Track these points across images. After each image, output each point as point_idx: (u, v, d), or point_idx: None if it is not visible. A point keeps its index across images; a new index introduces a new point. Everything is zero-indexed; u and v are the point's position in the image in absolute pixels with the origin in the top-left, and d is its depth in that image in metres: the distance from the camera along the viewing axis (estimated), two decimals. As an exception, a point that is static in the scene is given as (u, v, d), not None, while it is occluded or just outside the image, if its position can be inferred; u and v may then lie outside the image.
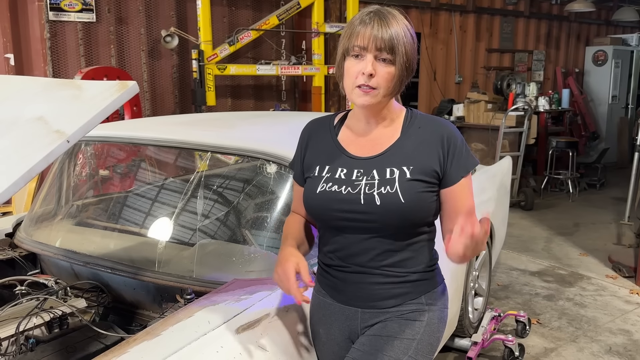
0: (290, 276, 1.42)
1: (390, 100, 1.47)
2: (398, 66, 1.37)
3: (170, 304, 1.94)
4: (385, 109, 1.48)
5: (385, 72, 1.37)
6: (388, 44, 1.35)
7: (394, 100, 1.50)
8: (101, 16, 5.18)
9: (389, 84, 1.38)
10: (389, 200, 1.40)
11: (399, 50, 1.36)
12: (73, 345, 1.70)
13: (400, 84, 1.42)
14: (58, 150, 1.34)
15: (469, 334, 3.13)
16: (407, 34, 1.38)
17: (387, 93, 1.40)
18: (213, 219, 2.25)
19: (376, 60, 1.36)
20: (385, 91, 1.39)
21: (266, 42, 6.22)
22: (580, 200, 7.05)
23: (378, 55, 1.36)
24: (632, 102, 9.75)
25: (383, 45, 1.35)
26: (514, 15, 8.78)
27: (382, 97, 1.41)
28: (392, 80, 1.38)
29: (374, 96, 1.39)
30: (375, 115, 1.49)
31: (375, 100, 1.40)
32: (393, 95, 1.44)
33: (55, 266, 2.24)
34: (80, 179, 2.64)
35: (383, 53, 1.36)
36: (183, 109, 5.85)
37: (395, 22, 1.37)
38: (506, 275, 4.47)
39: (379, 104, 1.43)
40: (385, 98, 1.42)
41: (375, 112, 1.48)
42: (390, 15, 1.38)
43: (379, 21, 1.36)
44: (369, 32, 1.35)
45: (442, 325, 1.55)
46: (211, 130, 2.49)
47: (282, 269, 1.45)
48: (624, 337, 3.43)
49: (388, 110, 1.49)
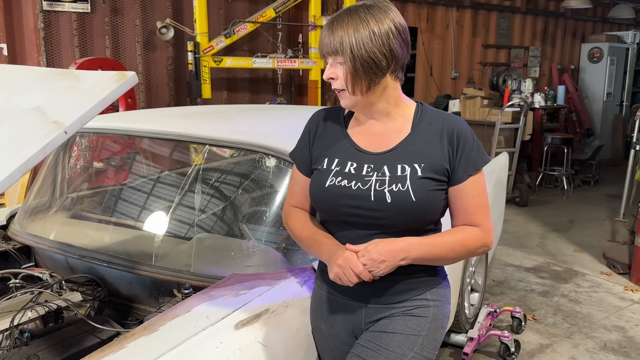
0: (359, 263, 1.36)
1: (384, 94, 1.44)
2: (348, 64, 1.38)
3: (167, 298, 1.92)
4: (383, 103, 1.46)
5: (341, 72, 1.41)
6: (332, 47, 1.39)
7: (399, 94, 1.48)
8: (96, 7, 5.12)
9: (348, 82, 1.41)
10: (400, 198, 1.39)
11: (344, 49, 1.37)
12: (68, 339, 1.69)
13: (361, 79, 1.39)
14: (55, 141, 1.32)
15: (465, 330, 3.13)
16: (360, 31, 1.36)
17: (354, 91, 1.41)
18: (211, 213, 2.23)
19: (334, 64, 1.42)
20: (352, 90, 1.41)
21: (262, 34, 6.18)
22: (575, 197, 7.07)
23: (334, 59, 1.41)
24: (627, 99, 9.78)
25: (330, 50, 1.40)
26: (510, 11, 8.77)
27: (355, 96, 1.42)
28: (349, 79, 1.40)
29: (345, 97, 1.44)
30: (371, 112, 1.48)
31: (350, 100, 1.44)
32: (364, 91, 1.41)
33: (50, 259, 2.22)
34: (75, 171, 2.61)
35: (332, 56, 1.41)
36: (178, 102, 5.80)
37: (345, 24, 1.38)
38: (501, 271, 4.47)
39: (360, 103, 1.44)
40: (359, 96, 1.42)
41: (367, 111, 1.48)
42: (346, 15, 1.39)
43: (328, 28, 1.41)
44: (320, 42, 1.43)
45: (445, 321, 1.54)
46: (209, 123, 2.46)
47: (346, 260, 1.38)
48: (619, 334, 3.44)
49: (389, 104, 1.47)
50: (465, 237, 1.45)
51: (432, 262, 1.46)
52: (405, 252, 1.38)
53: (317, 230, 1.53)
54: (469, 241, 1.45)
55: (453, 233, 1.47)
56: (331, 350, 1.59)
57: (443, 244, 1.43)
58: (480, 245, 1.47)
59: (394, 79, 1.45)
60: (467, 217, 1.46)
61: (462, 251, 1.46)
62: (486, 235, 1.47)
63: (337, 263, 1.39)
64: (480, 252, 1.49)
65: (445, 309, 1.54)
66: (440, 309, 1.52)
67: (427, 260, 1.44)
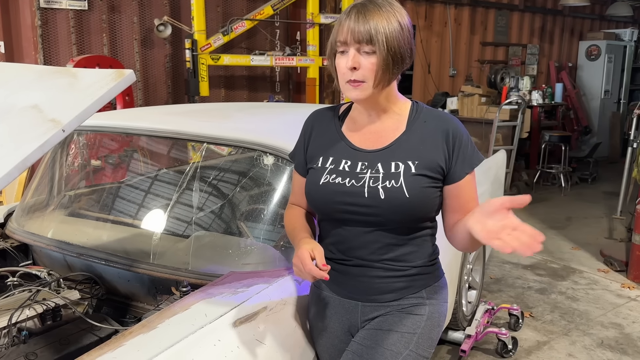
0: (307, 261, 1.36)
1: (386, 91, 1.43)
2: (380, 55, 1.34)
3: (165, 296, 1.92)
4: (385, 101, 1.46)
5: (369, 62, 1.35)
6: (365, 35, 1.33)
7: (396, 92, 1.48)
8: (93, 4, 5.11)
9: (373, 74, 1.36)
10: (393, 195, 1.39)
11: (379, 39, 1.33)
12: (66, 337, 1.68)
13: (388, 73, 1.37)
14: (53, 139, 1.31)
15: (462, 327, 3.14)
16: (392, 22, 1.34)
17: (376, 84, 1.38)
18: (209, 211, 2.23)
19: (359, 53, 1.36)
20: (374, 82, 1.37)
21: (260, 32, 6.17)
22: (572, 195, 7.08)
23: (359, 47, 1.35)
24: (625, 97, 9.79)
25: (361, 37, 1.34)
26: (508, 9, 8.77)
27: (373, 89, 1.39)
28: (377, 71, 1.36)
29: (363, 89, 1.38)
30: (374, 107, 1.47)
31: (365, 93, 1.39)
32: (384, 86, 1.40)
33: (47, 257, 2.21)
34: (73, 169, 2.60)
35: (363, 45, 1.35)
36: (176, 99, 5.79)
37: (376, 12, 1.34)
38: (499, 269, 4.48)
39: (372, 97, 1.41)
40: (377, 89, 1.39)
41: (372, 104, 1.46)
42: (372, 5, 1.36)
43: (356, 14, 1.35)
44: (346, 27, 1.35)
45: (442, 319, 1.54)
46: (207, 121, 2.46)
47: (297, 257, 1.39)
48: (616, 331, 3.45)
49: (388, 101, 1.47)
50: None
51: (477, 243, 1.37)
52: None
53: (299, 224, 1.55)
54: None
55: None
56: (328, 348, 1.60)
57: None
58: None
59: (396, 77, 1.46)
60: (464, 213, 1.46)
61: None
62: None
63: (293, 261, 1.42)
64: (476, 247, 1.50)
65: (441, 307, 1.54)
66: (436, 307, 1.52)
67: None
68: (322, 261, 1.37)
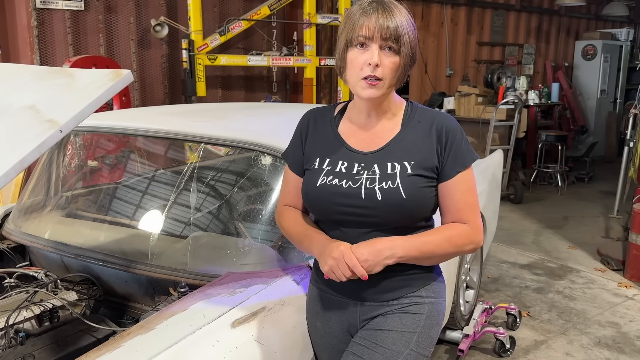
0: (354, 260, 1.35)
1: (392, 92, 1.45)
2: (403, 56, 1.36)
3: (163, 296, 1.91)
4: (387, 102, 1.47)
5: (390, 62, 1.35)
6: (394, 33, 1.33)
7: (394, 93, 1.48)
8: (89, 4, 5.09)
9: (394, 74, 1.37)
10: (390, 196, 1.39)
11: (404, 39, 1.34)
12: (64, 338, 1.68)
13: (404, 74, 1.40)
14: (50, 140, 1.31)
15: (460, 327, 3.14)
16: (410, 23, 1.37)
17: (392, 84, 1.39)
18: (206, 211, 2.23)
19: (381, 50, 1.35)
20: (390, 82, 1.38)
21: (257, 32, 6.17)
22: (569, 194, 7.10)
23: (383, 44, 1.34)
24: (621, 96, 9.82)
25: (389, 35, 1.33)
26: (505, 9, 8.78)
27: (387, 89, 1.39)
28: (397, 71, 1.37)
29: (379, 88, 1.37)
30: (377, 107, 1.47)
31: (380, 92, 1.38)
32: (396, 87, 1.42)
33: (44, 258, 2.21)
34: (70, 169, 2.60)
35: (389, 42, 1.34)
36: (173, 100, 5.79)
37: (398, 12, 1.36)
38: (496, 268, 4.49)
39: (382, 96, 1.41)
40: (389, 89, 1.40)
41: (377, 105, 1.46)
42: (392, 5, 1.37)
43: (383, 10, 1.34)
44: (373, 22, 1.33)
45: (441, 317, 1.54)
46: (204, 121, 2.45)
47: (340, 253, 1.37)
48: (613, 330, 3.46)
49: (389, 103, 1.47)
50: (452, 234, 1.45)
51: (419, 260, 1.45)
52: (389, 250, 1.38)
53: (308, 226, 1.54)
54: (456, 238, 1.45)
55: (440, 231, 1.47)
56: (327, 348, 1.60)
57: (429, 242, 1.43)
58: (468, 242, 1.46)
59: None
60: (455, 213, 1.46)
61: (450, 248, 1.45)
62: (474, 232, 1.46)
63: (332, 256, 1.38)
64: (469, 249, 1.49)
65: (440, 306, 1.54)
66: (435, 305, 1.52)
67: (414, 259, 1.43)
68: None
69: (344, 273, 1.36)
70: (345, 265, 1.36)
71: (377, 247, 1.38)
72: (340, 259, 1.36)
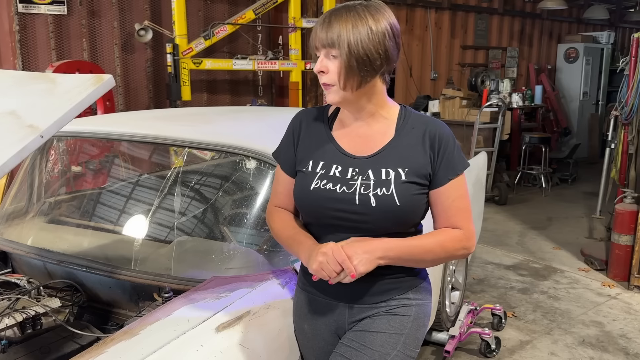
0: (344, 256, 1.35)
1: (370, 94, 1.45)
2: (343, 59, 1.37)
3: (148, 302, 1.91)
4: (370, 104, 1.47)
5: (333, 66, 1.40)
6: (329, 40, 1.38)
7: (384, 96, 1.49)
8: (72, 9, 5.06)
9: (339, 77, 1.40)
10: (384, 202, 1.40)
11: (341, 43, 1.36)
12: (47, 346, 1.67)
13: (354, 76, 1.39)
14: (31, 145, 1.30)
15: (446, 328, 3.16)
16: (359, 27, 1.36)
17: (344, 87, 1.40)
18: (191, 216, 2.22)
19: (328, 57, 1.40)
20: (343, 86, 1.40)
21: (242, 36, 6.16)
22: (553, 195, 7.17)
23: (327, 52, 1.40)
24: (603, 98, 9.95)
25: (325, 43, 1.39)
26: (488, 13, 8.87)
27: (344, 92, 1.41)
28: (341, 74, 1.39)
29: (333, 92, 1.42)
30: (358, 110, 1.48)
31: (336, 96, 1.42)
32: (354, 89, 1.41)
33: (27, 265, 2.18)
34: (53, 175, 2.58)
35: (328, 49, 1.39)
36: (157, 104, 5.76)
37: (344, 18, 1.37)
38: (481, 269, 4.52)
39: (347, 100, 1.43)
40: (347, 92, 1.41)
41: (355, 108, 1.47)
42: (344, 10, 1.38)
43: (323, 21, 1.40)
44: (315, 33, 1.41)
45: (427, 319, 1.56)
46: (189, 125, 2.45)
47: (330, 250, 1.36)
48: (597, 329, 3.50)
49: (374, 105, 1.47)
50: (444, 239, 1.47)
51: (410, 263, 1.47)
52: (383, 251, 1.39)
53: (298, 230, 1.53)
54: (447, 243, 1.46)
55: (432, 235, 1.49)
56: (314, 350, 1.60)
57: (421, 245, 1.45)
58: (460, 247, 1.48)
59: (382, 81, 1.46)
60: (447, 220, 1.47)
61: (441, 253, 1.47)
62: (467, 237, 1.48)
63: (321, 251, 1.37)
64: (461, 254, 1.51)
65: (426, 308, 1.56)
66: (422, 307, 1.54)
67: (406, 261, 1.45)
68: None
69: (333, 268, 1.35)
70: (335, 261, 1.35)
71: (371, 246, 1.39)
72: (329, 254, 1.36)
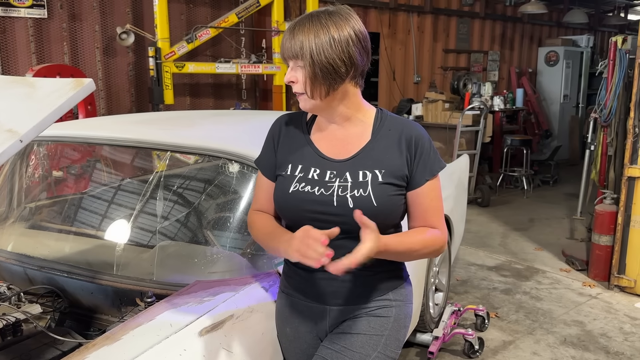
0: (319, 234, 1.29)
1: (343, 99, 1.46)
2: (307, 69, 1.39)
3: (130, 307, 1.89)
4: (345, 109, 1.48)
5: (301, 75, 1.42)
6: (293, 51, 1.40)
7: (359, 100, 1.50)
8: (53, 12, 5.01)
9: (307, 86, 1.42)
10: (361, 204, 1.41)
11: (304, 54, 1.38)
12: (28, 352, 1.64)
13: (320, 84, 1.40)
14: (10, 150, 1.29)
15: (430, 329, 3.18)
16: (321, 36, 1.37)
17: (312, 95, 1.42)
18: (173, 220, 2.21)
19: (295, 68, 1.42)
20: (312, 93, 1.42)
21: (225, 40, 6.16)
22: (535, 197, 7.25)
23: (294, 63, 1.42)
24: (583, 101, 10.09)
25: (289, 54, 1.41)
26: (469, 17, 8.97)
27: (313, 100, 1.43)
28: (308, 83, 1.41)
29: (303, 100, 1.45)
30: (333, 115, 1.49)
31: (308, 103, 1.45)
32: (323, 96, 1.42)
33: (7, 271, 2.16)
34: (34, 180, 2.55)
35: (294, 60, 1.41)
36: (140, 108, 5.73)
37: (306, 28, 1.38)
38: (465, 271, 4.56)
39: (319, 106, 1.45)
40: (317, 100, 1.43)
41: (329, 114, 1.49)
42: (307, 20, 1.40)
43: (287, 33, 1.42)
44: (282, 45, 1.43)
45: (408, 320, 1.57)
46: (171, 129, 2.44)
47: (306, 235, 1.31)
48: (578, 328, 3.55)
49: (350, 109, 1.49)
50: (427, 237, 1.49)
51: (400, 256, 1.48)
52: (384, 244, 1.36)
53: (276, 227, 1.54)
54: (429, 241, 1.49)
55: (416, 233, 1.50)
56: (296, 353, 1.60)
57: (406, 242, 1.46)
58: (442, 244, 1.51)
59: (354, 85, 1.47)
60: (424, 220, 1.50)
61: (423, 250, 1.49)
62: (444, 237, 1.52)
63: (296, 236, 1.34)
64: (437, 253, 1.54)
65: (407, 309, 1.57)
66: (402, 308, 1.55)
67: (397, 254, 1.44)
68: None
69: (315, 249, 1.29)
70: (312, 241, 1.30)
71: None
72: (304, 236, 1.32)
